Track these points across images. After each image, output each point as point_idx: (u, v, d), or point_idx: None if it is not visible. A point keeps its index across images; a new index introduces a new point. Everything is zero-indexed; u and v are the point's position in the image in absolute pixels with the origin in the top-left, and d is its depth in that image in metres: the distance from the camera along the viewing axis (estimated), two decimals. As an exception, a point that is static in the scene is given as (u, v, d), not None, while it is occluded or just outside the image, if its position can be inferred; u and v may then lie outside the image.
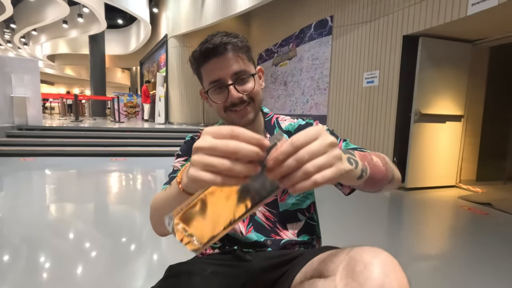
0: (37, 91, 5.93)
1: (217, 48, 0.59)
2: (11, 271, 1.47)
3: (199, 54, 0.61)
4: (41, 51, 15.71)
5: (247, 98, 0.62)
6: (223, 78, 0.61)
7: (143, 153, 5.27)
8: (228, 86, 0.61)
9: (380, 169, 0.50)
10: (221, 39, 0.59)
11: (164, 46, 9.11)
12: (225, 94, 0.61)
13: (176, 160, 0.70)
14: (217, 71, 0.60)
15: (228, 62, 0.60)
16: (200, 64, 0.63)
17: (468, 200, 2.99)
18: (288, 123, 0.72)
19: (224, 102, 0.62)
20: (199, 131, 0.64)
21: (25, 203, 2.62)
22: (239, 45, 0.61)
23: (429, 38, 3.16)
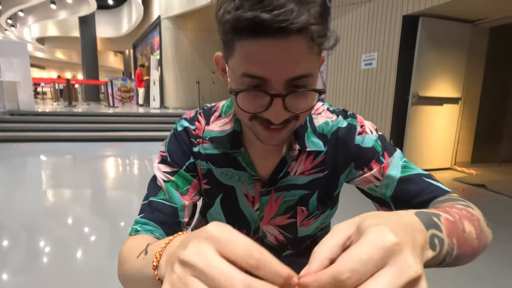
0: (27, 75, 5.77)
1: (283, 28, 0.32)
2: (9, 257, 1.47)
3: (245, 23, 0.33)
4: (29, 34, 15.18)
5: (292, 116, 0.40)
6: (271, 81, 0.35)
7: (139, 138, 5.23)
8: (274, 98, 0.36)
9: (472, 243, 0.32)
10: (296, 13, 0.32)
11: (158, 28, 8.84)
12: (262, 103, 0.37)
13: (159, 164, 0.49)
14: (265, 64, 0.35)
15: (292, 55, 0.34)
16: (238, 37, 0.35)
17: (463, 182, 3.04)
18: (323, 120, 0.51)
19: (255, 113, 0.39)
20: (198, 114, 0.52)
21: (21, 189, 2.60)
22: (320, 32, 0.35)
23: (429, 18, 3.09)
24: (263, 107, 0.37)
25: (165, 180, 0.48)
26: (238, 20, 0.33)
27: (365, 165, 0.48)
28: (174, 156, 0.49)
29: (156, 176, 0.49)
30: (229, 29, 0.35)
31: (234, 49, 0.37)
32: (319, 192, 0.52)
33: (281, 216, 0.53)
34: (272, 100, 0.36)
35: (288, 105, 0.37)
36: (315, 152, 0.49)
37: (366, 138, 0.48)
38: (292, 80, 0.36)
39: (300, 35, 0.33)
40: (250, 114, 0.39)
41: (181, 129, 0.51)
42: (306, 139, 0.49)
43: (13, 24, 14.13)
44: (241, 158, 0.49)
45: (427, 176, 0.46)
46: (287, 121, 0.40)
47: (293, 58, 0.34)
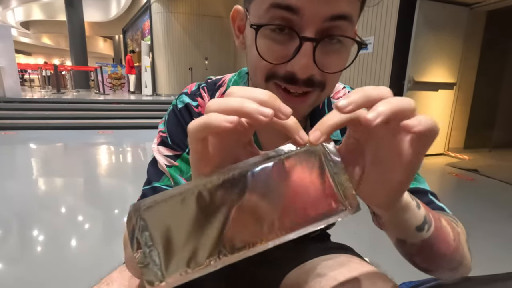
0: (12, 60, 5.56)
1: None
2: (2, 246, 1.44)
3: None
4: (13, 17, 14.57)
5: (318, 81, 0.33)
6: (305, 17, 0.29)
7: (131, 125, 5.13)
8: (304, 41, 0.30)
9: (447, 240, 0.32)
10: None
11: (148, 12, 8.54)
12: (288, 49, 0.31)
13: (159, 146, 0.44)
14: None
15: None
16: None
17: (456, 167, 3.07)
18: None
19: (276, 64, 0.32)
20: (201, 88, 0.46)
21: (10, 177, 2.53)
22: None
23: (427, 1, 3.03)
24: (289, 55, 0.31)
25: (168, 165, 0.43)
26: None
27: None
28: (175, 137, 0.43)
29: (157, 160, 0.44)
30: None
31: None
32: None
33: None
34: (301, 45, 0.30)
35: (318, 57, 0.30)
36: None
37: None
38: (330, 21, 0.29)
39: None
40: (268, 67, 0.32)
41: (182, 106, 0.44)
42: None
43: (-5, 7, 13.51)
44: None
45: (432, 194, 0.43)
46: (313, 86, 0.33)
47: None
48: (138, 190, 0.87)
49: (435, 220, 0.31)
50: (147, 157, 3.50)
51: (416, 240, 0.30)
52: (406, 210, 0.27)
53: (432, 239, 0.30)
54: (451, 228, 0.33)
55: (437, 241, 0.30)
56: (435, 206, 0.42)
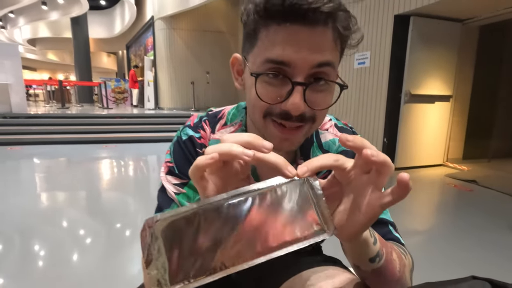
0: (19, 77, 5.71)
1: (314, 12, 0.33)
2: (3, 261, 1.47)
3: (277, 5, 0.34)
4: (20, 35, 14.97)
5: (308, 116, 0.38)
6: (295, 67, 0.35)
7: (134, 139, 5.21)
8: (295, 85, 0.35)
9: (393, 271, 0.37)
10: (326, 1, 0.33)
11: (151, 29, 8.79)
12: (282, 91, 0.37)
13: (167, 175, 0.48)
14: (291, 48, 0.34)
15: (319, 42, 0.35)
16: (268, 22, 0.36)
17: (454, 177, 3.10)
18: (330, 137, 0.51)
19: (273, 104, 0.38)
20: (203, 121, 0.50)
21: (16, 192, 2.58)
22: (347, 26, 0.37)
23: (420, 18, 3.14)
24: (283, 96, 0.36)
25: (176, 193, 0.47)
26: (270, 2, 0.34)
27: None
28: (181, 167, 0.47)
29: (166, 188, 0.48)
30: (260, 13, 0.36)
31: (258, 36, 0.37)
32: None
33: None
34: (293, 88, 0.35)
35: (308, 97, 0.36)
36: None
37: None
38: (316, 68, 0.36)
39: (327, 25, 0.34)
40: (265, 106, 0.38)
41: (186, 138, 0.48)
42: (312, 154, 0.49)
43: (3, 26, 13.92)
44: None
45: (392, 225, 0.48)
46: (304, 121, 0.38)
47: (319, 45, 0.35)
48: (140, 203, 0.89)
49: (387, 254, 0.36)
50: (149, 170, 3.55)
51: (368, 268, 0.35)
52: (364, 245, 0.33)
53: (381, 269, 0.35)
54: (399, 261, 0.39)
55: (385, 271, 0.36)
56: (392, 236, 0.47)
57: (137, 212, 2.23)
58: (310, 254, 0.58)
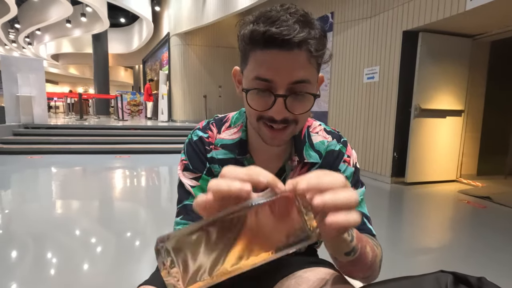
0: (42, 90, 6.03)
1: (288, 42, 0.41)
2: (19, 266, 1.54)
3: (259, 35, 0.43)
4: (45, 51, 15.84)
5: (291, 119, 0.48)
6: (276, 83, 0.44)
7: (147, 150, 5.35)
8: (277, 98, 0.45)
9: (365, 262, 0.43)
10: (298, 31, 0.41)
11: (167, 44, 9.16)
12: (267, 102, 0.46)
13: (183, 171, 0.57)
14: (272, 69, 0.44)
15: (294, 63, 0.43)
16: (254, 48, 0.45)
17: (468, 194, 3.02)
18: (320, 139, 0.59)
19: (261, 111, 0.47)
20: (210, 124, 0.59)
21: (33, 199, 2.70)
22: (317, 49, 0.44)
23: (429, 33, 3.17)
24: (268, 105, 0.46)
25: (192, 186, 0.55)
26: (254, 33, 0.43)
27: None
28: (194, 163, 0.56)
29: (183, 183, 0.56)
30: (247, 41, 0.45)
31: (248, 58, 0.46)
32: None
33: None
34: (275, 100, 0.45)
35: (289, 105, 0.45)
36: (310, 163, 0.57)
37: (347, 168, 0.57)
38: (293, 84, 0.44)
39: (301, 49, 0.42)
40: (257, 112, 0.48)
41: (196, 139, 0.58)
42: (304, 152, 0.57)
43: (30, 42, 14.79)
44: (246, 163, 0.57)
45: (367, 218, 0.55)
46: (288, 123, 0.48)
47: (295, 65, 0.43)
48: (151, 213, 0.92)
49: (361, 248, 0.41)
50: (161, 181, 3.63)
51: (344, 260, 0.40)
52: (341, 242, 0.37)
53: (356, 260, 0.41)
54: (372, 253, 0.45)
55: (358, 261, 0.42)
56: (365, 227, 0.54)
57: (148, 221, 2.28)
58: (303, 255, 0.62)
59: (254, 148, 0.57)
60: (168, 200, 2.77)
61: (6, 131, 5.30)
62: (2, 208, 2.40)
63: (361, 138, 3.89)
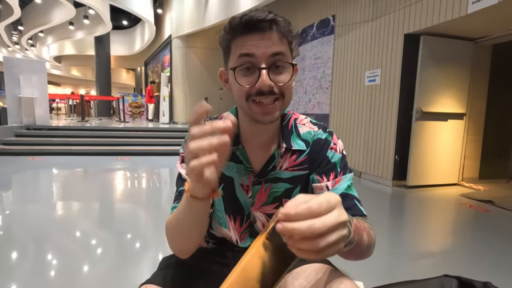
0: (44, 91, 6.05)
1: (262, 22, 0.50)
2: (20, 267, 1.54)
3: (237, 23, 0.51)
4: (47, 52, 15.93)
5: (277, 91, 0.53)
6: (257, 57, 0.51)
7: (148, 152, 5.35)
8: (261, 70, 0.51)
9: (361, 249, 0.48)
10: (268, 14, 0.51)
11: (168, 47, 9.20)
12: (254, 77, 0.52)
13: (181, 163, 0.63)
14: (253, 46, 0.51)
15: (270, 41, 0.51)
16: (234, 36, 0.53)
17: (470, 197, 3.00)
18: (307, 130, 0.64)
19: (249, 88, 0.52)
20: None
21: (34, 200, 2.70)
22: (286, 28, 0.53)
23: (431, 37, 3.17)
24: (255, 79, 0.52)
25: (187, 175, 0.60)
26: (232, 22, 0.53)
27: (325, 174, 0.60)
28: None
29: (180, 173, 0.61)
30: (228, 31, 0.53)
31: (231, 49, 0.54)
32: (301, 187, 0.63)
33: (269, 205, 0.63)
34: (260, 73, 0.51)
35: (272, 76, 0.52)
36: (298, 151, 0.62)
37: (334, 154, 0.61)
38: (272, 56, 0.51)
39: (272, 30, 0.51)
40: (246, 90, 0.53)
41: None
42: (292, 141, 0.62)
43: (33, 44, 14.88)
44: (239, 153, 0.61)
45: (357, 200, 0.59)
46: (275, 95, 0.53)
47: (270, 42, 0.51)
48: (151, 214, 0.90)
49: (358, 237, 0.45)
50: (161, 183, 3.63)
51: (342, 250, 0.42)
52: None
53: (352, 248, 0.44)
54: (367, 238, 0.49)
55: (355, 249, 0.45)
56: (357, 209, 0.58)
57: (148, 223, 2.28)
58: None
59: (245, 139, 0.61)
60: (169, 201, 2.77)
61: (8, 132, 5.31)
62: (3, 209, 2.40)
63: (363, 141, 3.88)
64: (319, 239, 0.30)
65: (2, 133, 5.05)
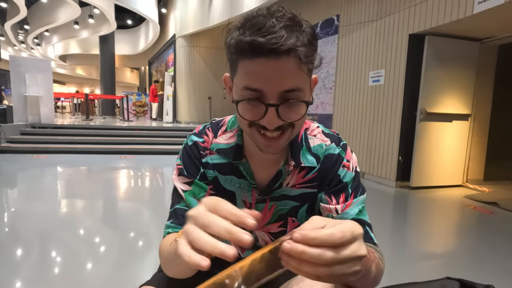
0: (49, 90, 6.10)
1: (275, 50, 0.39)
2: (24, 263, 1.55)
3: (246, 45, 0.40)
4: (53, 52, 16.07)
5: (287, 124, 0.45)
6: (266, 92, 0.42)
7: (151, 151, 5.38)
8: (268, 107, 0.43)
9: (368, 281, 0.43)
10: (286, 37, 0.39)
11: (172, 46, 9.23)
12: (259, 111, 0.43)
13: (178, 176, 0.57)
14: (261, 78, 0.41)
15: (283, 72, 0.41)
16: (240, 57, 0.43)
17: (474, 199, 2.98)
18: (318, 142, 0.57)
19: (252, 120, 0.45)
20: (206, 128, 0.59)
21: (39, 198, 2.73)
22: (307, 55, 0.41)
23: (436, 37, 3.15)
24: (260, 115, 0.44)
25: (184, 190, 0.56)
26: (240, 43, 0.41)
27: (334, 195, 0.55)
28: (188, 168, 0.57)
29: (177, 188, 0.57)
30: (233, 51, 0.43)
31: (237, 68, 0.45)
32: (309, 205, 0.58)
33: (273, 224, 0.59)
34: (267, 109, 0.43)
35: (281, 113, 0.43)
36: (307, 168, 0.56)
37: (347, 173, 0.55)
38: (284, 93, 0.42)
39: (289, 56, 0.40)
40: (248, 121, 0.46)
41: (191, 144, 0.58)
42: (301, 156, 0.55)
43: (39, 43, 15.02)
44: (242, 168, 0.56)
45: (369, 225, 0.54)
46: (283, 130, 0.46)
47: (284, 74, 0.41)
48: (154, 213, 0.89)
49: (366, 269, 0.40)
50: (165, 182, 3.65)
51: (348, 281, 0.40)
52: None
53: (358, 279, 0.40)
54: (376, 269, 0.44)
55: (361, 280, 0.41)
56: (368, 236, 0.53)
57: (151, 221, 2.29)
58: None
59: (250, 152, 0.56)
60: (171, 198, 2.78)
61: (14, 130, 5.37)
62: (8, 206, 2.43)
63: (366, 142, 3.87)
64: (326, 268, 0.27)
65: (8, 131, 5.10)
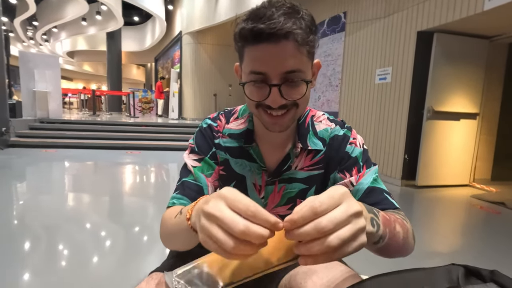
0: (57, 86, 6.19)
1: (274, 34, 0.44)
2: (31, 255, 1.59)
3: (248, 32, 0.46)
4: (61, 48, 16.24)
5: (290, 104, 0.50)
6: (269, 74, 0.47)
7: (157, 147, 5.42)
8: (272, 87, 0.47)
9: (398, 242, 0.44)
10: (283, 23, 0.44)
11: (179, 43, 9.26)
12: (264, 92, 0.48)
13: (189, 154, 0.61)
14: (264, 62, 0.46)
15: (283, 54, 0.45)
16: (245, 44, 0.48)
17: (481, 199, 2.95)
18: (323, 127, 0.61)
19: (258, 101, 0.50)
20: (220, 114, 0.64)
21: (46, 191, 2.78)
22: (304, 38, 0.46)
23: (444, 34, 3.11)
24: (265, 96, 0.49)
25: (194, 166, 0.60)
26: (243, 30, 0.47)
27: (347, 170, 0.57)
28: (200, 146, 0.61)
29: (186, 163, 0.60)
30: (239, 39, 0.49)
31: (243, 55, 0.50)
32: (316, 187, 0.60)
33: (283, 207, 0.62)
34: (270, 89, 0.48)
35: (284, 92, 0.48)
36: (314, 151, 0.59)
37: (355, 149, 0.58)
38: (286, 74, 0.47)
39: (288, 39, 0.45)
40: (255, 102, 0.50)
41: (206, 126, 0.63)
42: (308, 140, 0.59)
43: (47, 39, 15.18)
44: (252, 151, 0.60)
45: (387, 193, 0.56)
46: (287, 109, 0.50)
47: (284, 56, 0.46)
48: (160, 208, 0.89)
49: (390, 231, 0.42)
50: (169, 177, 3.68)
51: (373, 248, 0.42)
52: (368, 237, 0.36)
53: (386, 245, 0.42)
54: (402, 230, 0.46)
55: (390, 246, 0.43)
56: (388, 202, 0.55)
57: (156, 216, 2.32)
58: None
59: (260, 137, 0.60)
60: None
61: (23, 125, 5.46)
62: (17, 199, 2.48)
63: (372, 140, 3.84)
64: (330, 238, 0.28)
65: (17, 126, 5.19)
